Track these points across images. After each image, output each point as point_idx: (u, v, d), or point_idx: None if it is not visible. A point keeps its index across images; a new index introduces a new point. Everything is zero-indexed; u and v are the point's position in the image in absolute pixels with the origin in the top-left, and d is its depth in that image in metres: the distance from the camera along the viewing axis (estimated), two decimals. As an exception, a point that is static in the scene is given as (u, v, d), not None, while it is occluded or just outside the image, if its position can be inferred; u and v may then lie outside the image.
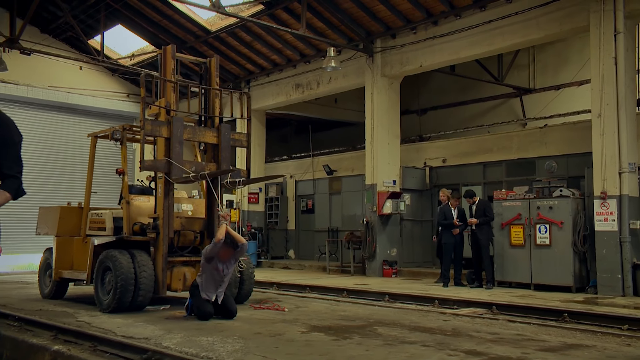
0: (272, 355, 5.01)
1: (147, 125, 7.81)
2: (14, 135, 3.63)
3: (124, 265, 7.56)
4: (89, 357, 5.66)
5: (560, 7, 11.36)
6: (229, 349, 5.27)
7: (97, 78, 19.51)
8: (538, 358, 4.91)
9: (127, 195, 8.44)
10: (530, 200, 11.42)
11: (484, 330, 6.42)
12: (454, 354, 5.08)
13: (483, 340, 5.76)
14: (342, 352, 5.15)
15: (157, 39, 17.83)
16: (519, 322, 7.12)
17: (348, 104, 19.66)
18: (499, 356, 4.98)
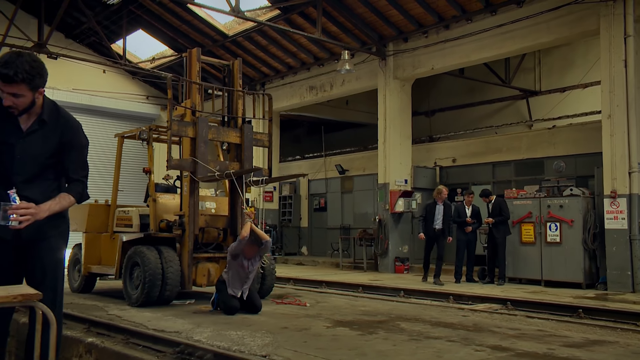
0: (303, 350, 4.92)
1: (174, 125, 7.73)
2: (81, 139, 3.52)
3: (152, 261, 7.49)
4: (122, 349, 5.58)
5: (571, 11, 11.22)
6: (259, 343, 5.18)
7: (119, 81, 19.51)
8: (565, 354, 4.79)
9: (153, 193, 8.38)
10: (541, 199, 11.30)
11: (504, 325, 6.31)
12: (480, 349, 4.98)
13: (506, 335, 5.65)
14: (371, 347, 5.05)
15: (176, 43, 17.81)
16: (537, 317, 7.01)
17: (359, 106, 19.58)
18: (526, 352, 4.87)
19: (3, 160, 3.35)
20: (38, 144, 3.34)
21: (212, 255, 8.25)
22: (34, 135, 3.34)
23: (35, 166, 3.38)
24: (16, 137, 3.32)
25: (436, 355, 4.75)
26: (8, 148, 3.32)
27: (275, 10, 14.60)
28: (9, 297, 2.34)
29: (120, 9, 15.78)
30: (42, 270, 3.42)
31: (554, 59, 17.00)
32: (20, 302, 2.37)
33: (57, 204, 3.34)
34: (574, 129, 13.68)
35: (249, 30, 15.84)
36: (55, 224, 3.44)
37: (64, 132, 3.41)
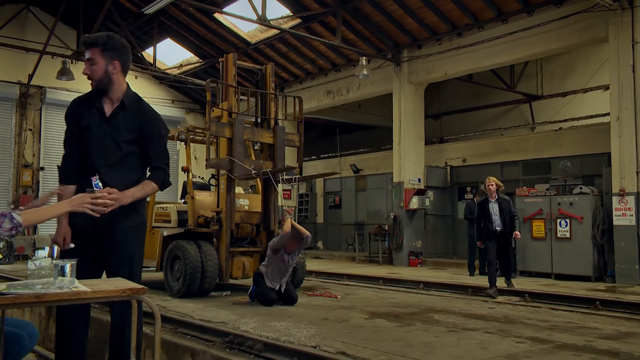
0: (349, 341, 4.76)
1: (213, 126, 7.59)
2: (161, 128, 3.40)
3: (192, 254, 7.35)
4: (172, 338, 5.44)
5: (580, 19, 11.01)
6: (305, 334, 5.03)
7: (147, 86, 19.34)
8: (604, 346, 4.62)
9: (191, 190, 8.25)
10: (552, 196, 11.11)
11: (533, 317, 6.14)
12: (521, 341, 4.82)
13: (539, 327, 5.48)
14: (415, 338, 4.89)
15: (201, 51, 17.67)
16: (561, 309, 6.83)
17: (371, 109, 19.38)
18: (565, 344, 4.71)
19: (87, 145, 3.26)
20: (119, 127, 3.24)
21: (246, 249, 8.11)
22: (116, 118, 3.26)
23: (117, 152, 3.26)
24: (99, 121, 3.24)
25: (480, 346, 4.59)
26: (92, 132, 3.24)
27: (296, 19, 14.44)
28: (118, 292, 2.21)
29: (151, 19, 15.64)
30: (118, 264, 3.28)
31: (556, 66, 16.79)
32: (128, 296, 2.23)
33: (141, 190, 3.22)
34: (580, 130, 13.48)
35: (270, 38, 15.68)
36: (129, 216, 3.28)
37: (144, 121, 3.31)
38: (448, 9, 12.59)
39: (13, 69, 16.14)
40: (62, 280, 2.14)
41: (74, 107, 3.33)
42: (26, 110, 16.60)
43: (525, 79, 16.96)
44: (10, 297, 1.98)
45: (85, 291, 2.15)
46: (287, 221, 6.68)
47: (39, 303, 2.03)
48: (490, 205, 8.65)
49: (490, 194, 8.74)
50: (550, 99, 16.77)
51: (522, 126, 16.77)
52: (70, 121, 3.31)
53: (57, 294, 2.06)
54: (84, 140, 3.24)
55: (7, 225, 2.25)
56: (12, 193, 16.20)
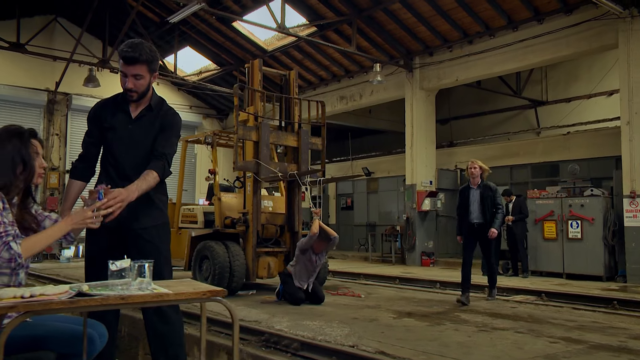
0: (385, 340, 4.61)
1: (240, 130, 7.46)
2: (174, 124, 3.26)
3: (220, 254, 7.23)
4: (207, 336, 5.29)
5: (590, 27, 10.83)
6: (340, 333, 4.88)
7: (166, 92, 19.26)
8: (639, 347, 4.45)
9: (218, 192, 8.13)
10: (563, 198, 10.92)
11: (558, 317, 5.97)
12: (554, 341, 4.65)
13: (568, 327, 5.31)
14: (448, 338, 4.73)
15: (219, 58, 17.58)
16: (583, 309, 6.64)
17: (381, 114, 19.22)
18: (599, 344, 4.54)
19: (113, 148, 3.16)
20: (144, 130, 3.13)
21: (271, 249, 7.97)
22: (141, 122, 3.15)
23: (141, 154, 3.14)
24: (126, 123, 3.14)
25: (516, 346, 4.42)
26: (118, 134, 3.13)
27: (312, 28, 14.32)
28: (199, 293, 2.08)
29: (172, 28, 15.59)
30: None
31: (560, 72, 16.59)
32: (208, 298, 2.10)
33: (144, 182, 2.98)
34: (587, 134, 13.28)
35: (286, 45, 15.57)
36: (151, 214, 3.16)
37: (164, 118, 3.20)
38: (460, 17, 12.43)
39: (41, 77, 16.14)
40: (142, 282, 2.01)
41: (97, 110, 3.25)
42: (53, 116, 16.57)
43: (531, 85, 16.76)
44: (98, 298, 1.85)
45: (168, 293, 2.02)
46: (315, 222, 6.53)
47: (125, 305, 1.90)
48: (471, 193, 6.98)
49: (472, 179, 7.03)
50: (555, 104, 16.59)
51: (528, 131, 16.58)
52: (93, 123, 3.22)
53: (142, 295, 1.93)
54: (109, 141, 3.16)
55: (5, 256, 2.05)
56: (40, 195, 16.13)
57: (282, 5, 12.13)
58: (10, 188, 2.25)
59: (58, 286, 1.95)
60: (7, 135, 2.34)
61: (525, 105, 17.17)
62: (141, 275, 2.01)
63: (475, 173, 7.00)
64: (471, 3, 11.84)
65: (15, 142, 2.31)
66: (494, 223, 6.88)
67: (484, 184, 7.01)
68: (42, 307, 1.77)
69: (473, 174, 7.01)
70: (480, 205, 6.89)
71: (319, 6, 13.53)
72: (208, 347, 5.21)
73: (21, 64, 15.58)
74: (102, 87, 14.69)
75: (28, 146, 2.34)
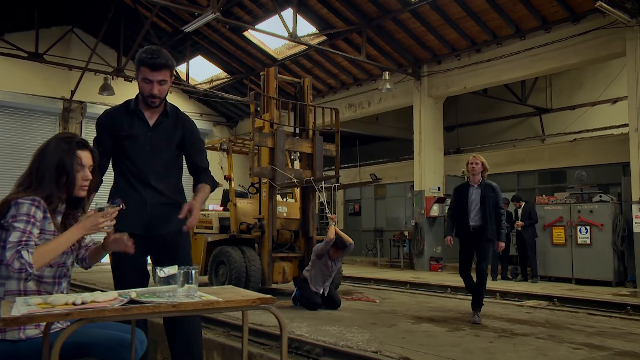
0: (407, 346, 4.50)
1: (256, 136, 7.40)
2: (199, 135, 3.34)
3: (237, 259, 7.14)
4: (226, 341, 5.21)
5: (598, 35, 10.73)
6: (361, 339, 4.78)
7: (178, 100, 19.26)
8: (664, 353, 4.33)
9: (234, 198, 8.05)
10: (572, 204, 10.79)
11: (576, 323, 5.84)
12: (577, 347, 4.53)
13: (588, 333, 5.18)
14: (470, 344, 4.62)
15: (229, 67, 17.57)
16: (599, 315, 6.51)
17: (387, 122, 19.15)
18: (623, 351, 4.42)
19: (133, 156, 3.07)
20: (164, 136, 3.08)
21: (286, 255, 7.88)
22: (160, 127, 3.09)
23: (162, 161, 3.10)
24: (145, 131, 3.06)
25: (540, 353, 4.31)
26: (138, 142, 3.06)
27: (321, 37, 14.29)
28: (249, 301, 2.00)
29: (184, 38, 15.60)
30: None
31: (564, 80, 16.49)
32: (258, 306, 2.01)
33: (204, 194, 3.07)
34: (594, 141, 13.16)
35: (296, 54, 15.54)
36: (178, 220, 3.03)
37: (185, 128, 3.17)
38: (468, 27, 12.36)
39: (57, 85, 16.18)
40: (190, 288, 1.92)
41: (108, 118, 3.12)
42: (68, 123, 16.57)
43: (535, 93, 16.68)
44: (150, 306, 1.76)
45: (218, 301, 1.93)
46: (331, 228, 6.44)
47: (176, 312, 1.81)
48: (470, 192, 5.98)
49: (472, 177, 6.04)
50: (560, 112, 16.48)
51: (533, 138, 16.47)
52: (106, 131, 3.08)
53: (193, 303, 1.84)
54: (128, 150, 3.07)
55: (15, 265, 1.94)
56: (54, 200, 16.12)
57: (294, 15, 12.10)
58: (52, 199, 2.17)
59: (106, 293, 1.88)
60: (55, 144, 2.27)
61: (530, 112, 17.07)
62: (188, 282, 1.93)
63: (477, 169, 5.98)
64: (480, 13, 11.78)
65: (60, 151, 2.23)
66: (500, 235, 5.93)
67: (485, 182, 6.04)
68: (96, 315, 1.69)
69: (474, 170, 5.99)
70: (481, 206, 5.86)
71: (329, 16, 13.50)
72: (227, 352, 5.13)
73: (38, 73, 15.62)
74: (116, 95, 14.70)
75: (73, 156, 2.25)
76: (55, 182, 2.19)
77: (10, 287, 2.07)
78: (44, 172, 2.18)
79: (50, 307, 1.70)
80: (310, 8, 13.35)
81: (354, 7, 12.90)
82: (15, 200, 2.07)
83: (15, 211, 2.04)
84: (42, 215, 2.10)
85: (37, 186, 2.15)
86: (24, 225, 2.01)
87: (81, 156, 2.27)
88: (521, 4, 11.14)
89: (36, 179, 2.17)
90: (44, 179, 2.17)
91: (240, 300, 1.99)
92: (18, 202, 2.06)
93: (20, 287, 2.08)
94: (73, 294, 1.80)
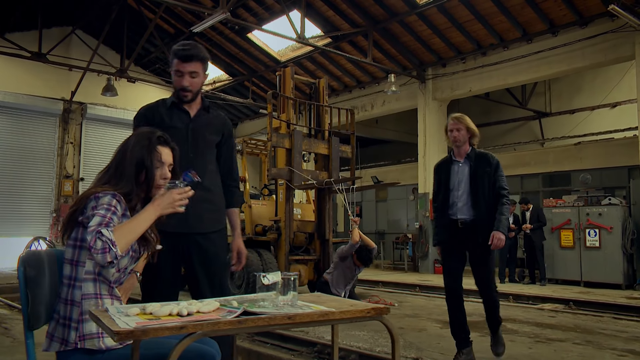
0: (447, 352, 4.33)
1: (274, 137, 7.19)
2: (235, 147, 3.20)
3: (254, 262, 6.92)
4: (251, 346, 4.99)
5: (606, 39, 10.66)
6: (396, 345, 4.57)
7: (179, 102, 19.03)
8: None
9: (248, 200, 7.83)
10: (580, 207, 10.69)
11: (607, 327, 5.69)
12: (620, 353, 4.37)
13: (623, 339, 5.03)
14: (511, 350, 4.44)
15: (231, 69, 17.32)
16: (625, 319, 6.37)
17: (387, 125, 19.01)
18: (668, 356, 4.27)
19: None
20: (206, 128, 2.92)
21: (302, 257, 7.66)
22: (202, 119, 2.92)
23: (203, 151, 2.92)
24: (187, 122, 2.88)
25: (584, 359, 4.13)
26: (179, 132, 2.84)
27: (326, 39, 14.10)
28: (363, 312, 1.79)
29: (187, 40, 15.31)
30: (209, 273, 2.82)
31: (563, 85, 16.46)
32: (371, 317, 1.81)
33: (238, 223, 3.05)
34: (599, 145, 13.10)
35: (300, 57, 15.33)
36: (217, 218, 2.90)
37: (225, 126, 3.01)
38: (475, 30, 12.24)
39: (58, 86, 15.84)
40: (294, 296, 1.72)
41: (147, 112, 2.93)
42: (68, 124, 16.23)
43: (535, 97, 16.63)
44: (265, 318, 1.55)
45: (333, 311, 1.73)
46: (354, 231, 6.25)
47: (291, 325, 1.61)
48: (454, 170, 4.07)
49: (455, 149, 4.09)
50: (559, 115, 16.45)
51: (533, 142, 16.42)
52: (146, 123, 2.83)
53: (308, 314, 1.63)
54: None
55: (98, 245, 1.71)
56: (54, 202, 15.77)
57: (302, 16, 11.92)
58: (132, 196, 1.97)
59: (208, 302, 1.67)
60: (136, 139, 2.07)
61: (529, 116, 17.02)
62: (292, 290, 1.72)
63: (460, 137, 3.95)
64: (487, 16, 11.66)
65: (141, 147, 2.03)
66: (498, 221, 3.79)
67: (476, 153, 4.04)
68: (211, 328, 1.48)
69: (457, 140, 3.96)
70: (471, 188, 3.90)
71: (335, 18, 13.32)
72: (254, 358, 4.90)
73: (38, 74, 15.28)
74: (119, 96, 14.42)
75: (153, 152, 2.05)
76: (135, 179, 1.98)
77: (87, 290, 1.88)
78: (124, 167, 1.98)
79: (157, 319, 1.50)
80: (316, 10, 13.17)
81: (361, 10, 12.73)
82: (95, 194, 1.87)
83: (95, 203, 1.84)
84: (121, 213, 1.89)
85: (117, 182, 1.95)
86: (104, 212, 1.80)
87: (161, 152, 2.07)
88: (529, 7, 11.04)
89: (115, 174, 1.97)
90: (124, 174, 1.96)
91: (355, 311, 1.79)
92: (98, 196, 1.86)
93: (97, 291, 1.88)
94: (178, 304, 1.59)
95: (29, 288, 1.83)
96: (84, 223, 1.86)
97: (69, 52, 15.50)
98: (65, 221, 1.91)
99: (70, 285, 1.87)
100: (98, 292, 1.88)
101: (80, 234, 1.88)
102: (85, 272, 1.87)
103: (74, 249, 1.89)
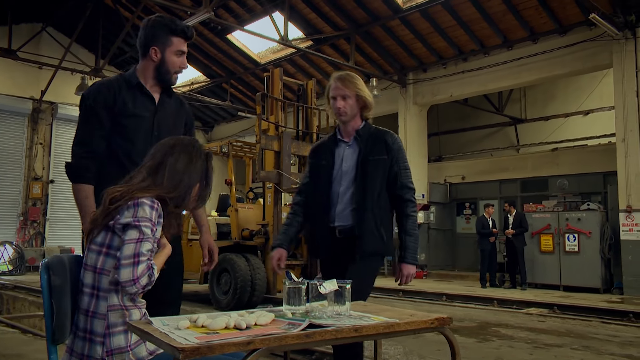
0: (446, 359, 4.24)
1: (263, 139, 7.04)
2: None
3: (242, 267, 6.74)
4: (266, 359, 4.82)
5: (584, 47, 10.90)
6: (397, 352, 4.49)
7: (154, 103, 18.63)
8: None
9: (235, 203, 7.64)
10: (559, 212, 10.87)
11: (598, 332, 5.74)
12: (618, 359, 4.39)
13: (617, 343, 5.07)
14: (511, 356, 4.41)
15: (209, 70, 17.04)
16: (614, 323, 6.45)
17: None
18: (666, 360, 4.31)
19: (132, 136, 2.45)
20: (171, 117, 2.55)
21: (290, 262, 7.51)
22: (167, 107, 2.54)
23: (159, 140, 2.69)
24: (152, 111, 2.49)
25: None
26: (144, 121, 2.46)
27: (308, 42, 14.03)
28: (427, 322, 1.68)
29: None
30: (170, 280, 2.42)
31: (538, 92, 16.78)
32: (435, 328, 1.71)
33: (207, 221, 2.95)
34: (575, 151, 13.38)
35: (280, 59, 15.19)
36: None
37: (187, 112, 2.67)
38: (456, 35, 12.36)
39: (26, 85, 15.27)
40: (349, 306, 1.60)
41: (104, 93, 2.43)
42: (37, 124, 15.66)
43: (511, 103, 16.91)
44: (332, 330, 1.43)
45: (398, 322, 1.62)
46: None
47: (358, 338, 1.49)
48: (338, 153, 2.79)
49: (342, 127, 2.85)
50: (534, 122, 16.77)
51: (508, 148, 16.67)
52: (105, 108, 2.41)
53: (374, 326, 1.52)
54: (129, 129, 2.44)
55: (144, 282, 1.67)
56: (22, 205, 15.16)
57: (285, 18, 11.81)
58: (182, 204, 1.86)
59: (260, 313, 1.54)
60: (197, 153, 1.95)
61: (505, 122, 17.29)
62: (347, 299, 1.61)
63: (345, 111, 2.76)
64: (469, 22, 11.79)
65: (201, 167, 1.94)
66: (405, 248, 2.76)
67: (370, 131, 2.81)
68: (278, 343, 1.36)
69: (340, 113, 2.77)
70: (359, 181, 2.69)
71: (317, 20, 13.26)
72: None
73: (5, 71, 14.70)
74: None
75: (211, 170, 1.99)
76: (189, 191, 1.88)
77: (113, 301, 1.72)
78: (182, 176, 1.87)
79: (215, 333, 1.36)
80: (298, 12, 13.08)
81: (344, 13, 12.71)
82: (135, 200, 1.71)
83: (134, 211, 1.69)
84: (158, 220, 1.75)
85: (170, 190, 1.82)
86: (150, 233, 1.68)
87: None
88: (511, 14, 11.21)
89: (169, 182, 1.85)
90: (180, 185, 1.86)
91: (419, 321, 1.68)
92: (137, 203, 1.71)
93: (121, 302, 1.73)
94: (219, 314, 1.47)
95: (54, 298, 1.66)
96: (115, 229, 1.71)
97: (39, 50, 14.97)
98: (97, 222, 1.75)
99: (92, 295, 1.72)
100: (122, 303, 1.73)
101: (108, 239, 1.73)
102: (109, 282, 1.72)
103: (98, 255, 1.74)
